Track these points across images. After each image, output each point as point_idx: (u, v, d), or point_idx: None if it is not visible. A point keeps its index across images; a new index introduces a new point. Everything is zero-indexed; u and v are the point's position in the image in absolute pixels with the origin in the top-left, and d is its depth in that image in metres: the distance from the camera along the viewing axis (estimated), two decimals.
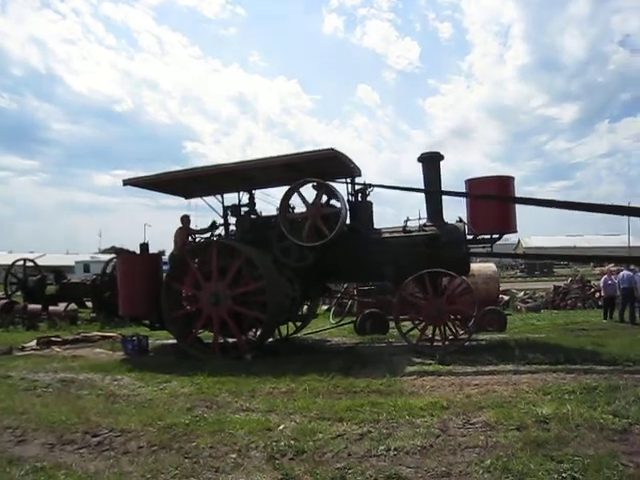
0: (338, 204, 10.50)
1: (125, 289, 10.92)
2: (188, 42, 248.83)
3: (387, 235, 10.84)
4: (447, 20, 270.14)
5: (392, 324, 14.08)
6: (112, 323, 17.43)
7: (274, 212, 11.21)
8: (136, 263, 11.22)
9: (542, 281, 41.24)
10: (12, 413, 6.80)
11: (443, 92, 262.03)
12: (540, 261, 56.25)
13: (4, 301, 19.32)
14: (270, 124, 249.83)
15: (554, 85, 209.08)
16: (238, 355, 9.90)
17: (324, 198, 10.57)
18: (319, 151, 10.05)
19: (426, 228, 10.68)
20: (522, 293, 24.57)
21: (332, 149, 9.98)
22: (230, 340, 10.81)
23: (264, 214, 11.57)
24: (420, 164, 10.86)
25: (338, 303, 15.27)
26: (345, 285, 14.80)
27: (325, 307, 18.80)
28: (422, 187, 10.80)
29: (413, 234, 10.65)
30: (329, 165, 10.65)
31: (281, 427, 5.79)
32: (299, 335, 13.15)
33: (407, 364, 8.94)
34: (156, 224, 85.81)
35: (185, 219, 11.65)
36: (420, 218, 10.70)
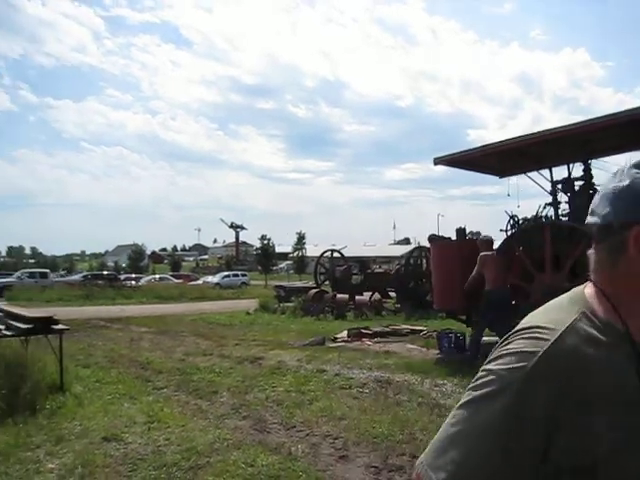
0: None
1: (439, 280, 9.75)
2: (461, 28, 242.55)
3: None
4: None
5: None
6: (417, 315, 16.73)
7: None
8: (452, 251, 9.94)
9: None
10: (330, 417, 6.12)
11: None
12: None
13: (315, 290, 20.07)
14: (558, 101, 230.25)
15: None
16: None
17: None
18: None
19: None
20: None
21: None
22: None
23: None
24: None
25: None
26: None
27: None
28: None
29: None
30: None
31: None
32: None
33: None
34: (447, 214, 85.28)
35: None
36: None
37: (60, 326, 7.52)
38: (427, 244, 13.41)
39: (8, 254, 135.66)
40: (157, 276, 49.55)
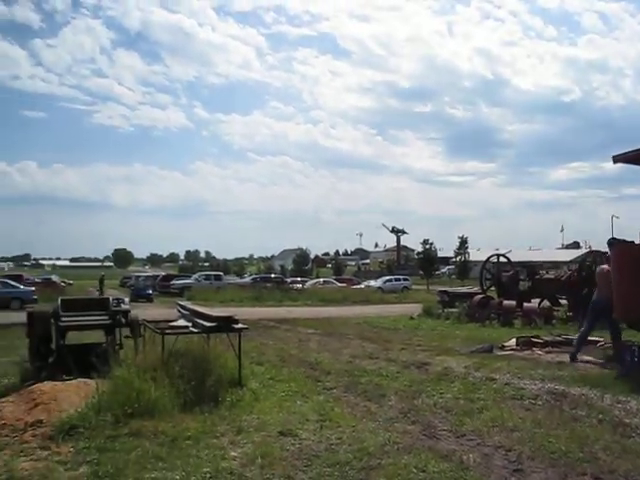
0: None
1: (622, 288, 9.00)
2: (635, 9, 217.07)
3: None
4: None
5: None
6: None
7: None
8: (637, 255, 9.13)
9: None
10: (502, 427, 5.97)
11: None
12: None
13: (480, 296, 19.51)
14: None
15: None
16: None
17: None
18: None
19: None
20: None
21: None
22: None
23: None
24: None
25: None
26: None
27: None
28: None
29: None
30: None
31: None
32: None
33: None
34: (622, 215, 77.57)
35: None
36: None
37: (240, 325, 8.04)
38: (602, 248, 12.48)
39: (186, 257, 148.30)
40: (321, 279, 51.25)
